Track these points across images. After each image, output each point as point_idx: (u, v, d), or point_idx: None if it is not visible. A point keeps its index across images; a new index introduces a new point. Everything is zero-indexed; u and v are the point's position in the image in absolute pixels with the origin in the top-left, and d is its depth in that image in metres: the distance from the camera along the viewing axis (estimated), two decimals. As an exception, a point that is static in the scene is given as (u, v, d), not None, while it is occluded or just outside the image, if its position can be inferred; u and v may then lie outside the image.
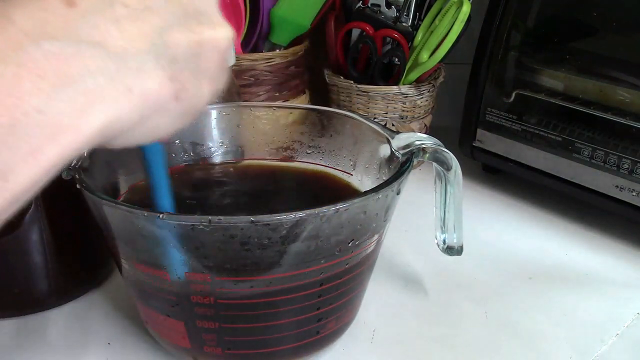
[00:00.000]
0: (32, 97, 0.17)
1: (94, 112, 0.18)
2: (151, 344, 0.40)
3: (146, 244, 0.32)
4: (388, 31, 0.60)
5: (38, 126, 0.17)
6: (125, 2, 0.20)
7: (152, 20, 0.20)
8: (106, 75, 0.19)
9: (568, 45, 0.58)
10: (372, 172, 0.41)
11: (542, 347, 0.41)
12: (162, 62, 0.21)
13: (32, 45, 0.17)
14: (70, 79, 0.18)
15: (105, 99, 0.19)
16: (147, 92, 0.20)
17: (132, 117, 0.20)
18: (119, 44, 0.19)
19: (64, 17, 0.18)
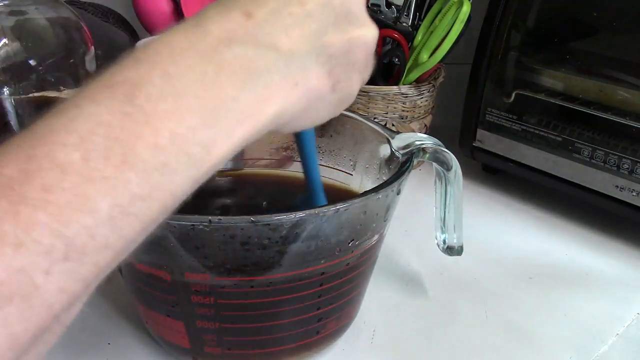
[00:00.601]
0: (228, 88, 0.21)
1: (270, 103, 0.22)
2: (151, 344, 0.40)
3: (146, 244, 0.32)
4: (388, 31, 0.60)
5: (232, 111, 0.21)
6: (292, 11, 0.24)
7: (312, 25, 0.24)
8: (279, 73, 0.23)
9: (568, 45, 0.58)
10: (372, 172, 0.41)
11: (542, 347, 0.41)
12: (321, 60, 0.25)
13: (225, 49, 0.21)
14: (254, 75, 0.22)
15: (279, 92, 0.23)
16: (310, 85, 0.24)
17: (299, 107, 0.24)
18: (287, 47, 0.23)
19: (245, 27, 0.22)
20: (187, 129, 0.19)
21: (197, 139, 0.20)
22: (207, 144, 0.20)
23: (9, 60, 0.39)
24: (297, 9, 0.24)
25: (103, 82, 0.19)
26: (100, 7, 0.66)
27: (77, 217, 0.17)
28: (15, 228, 0.16)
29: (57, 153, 0.17)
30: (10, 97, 0.40)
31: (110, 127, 0.18)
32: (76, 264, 0.17)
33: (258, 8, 0.23)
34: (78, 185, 0.17)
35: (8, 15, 0.39)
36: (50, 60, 0.41)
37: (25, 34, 0.40)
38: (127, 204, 0.18)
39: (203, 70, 0.21)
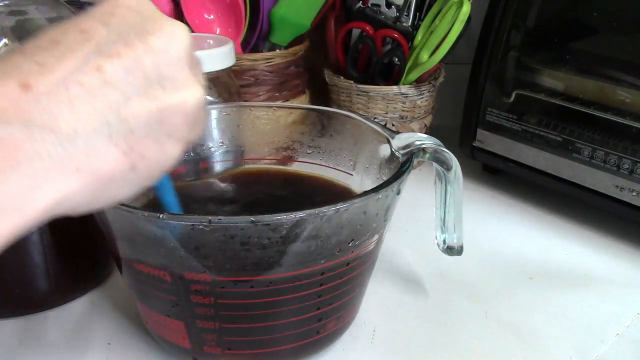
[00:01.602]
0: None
1: (39, 195, 0.19)
2: (151, 344, 0.40)
3: (146, 244, 0.32)
4: (388, 31, 0.60)
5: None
6: (82, 80, 0.20)
7: (109, 95, 0.21)
8: (54, 158, 0.19)
9: (568, 45, 0.58)
10: (372, 172, 0.41)
11: (542, 347, 0.41)
12: (115, 138, 0.21)
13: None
14: (18, 163, 0.18)
15: (52, 181, 0.19)
16: (97, 170, 0.21)
17: (83, 194, 0.21)
18: (69, 125, 0.20)
19: (18, 101, 0.19)
20: None
21: None
22: None
23: (9, 60, 0.39)
24: (92, 77, 0.20)
25: None
26: (100, 7, 0.66)
27: None
28: None
29: None
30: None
31: None
32: None
33: (40, 77, 0.19)
34: None
35: (8, 15, 0.39)
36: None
37: (25, 34, 0.40)
38: None
39: None
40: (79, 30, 0.21)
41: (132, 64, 0.21)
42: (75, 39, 0.21)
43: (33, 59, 0.20)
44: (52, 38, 0.21)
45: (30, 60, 0.20)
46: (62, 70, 0.20)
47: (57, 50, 0.20)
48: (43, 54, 0.20)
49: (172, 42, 0.23)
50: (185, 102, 0.23)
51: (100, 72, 0.21)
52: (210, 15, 0.64)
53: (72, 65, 0.20)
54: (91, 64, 0.20)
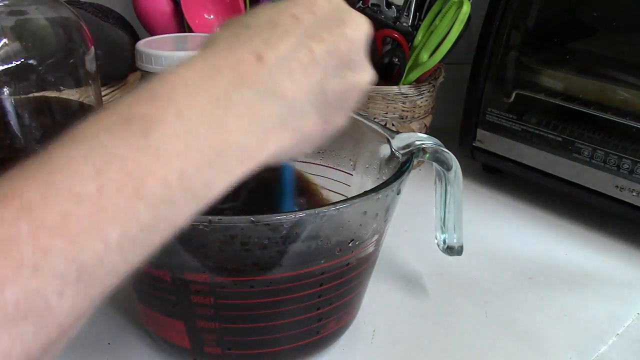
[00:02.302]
0: (234, 132, 0.22)
1: (268, 146, 0.23)
2: (151, 344, 0.40)
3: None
4: (388, 31, 0.60)
5: (234, 153, 0.22)
6: (300, 58, 0.24)
7: (317, 73, 0.25)
8: (280, 119, 0.24)
9: (568, 45, 0.58)
10: (372, 172, 0.41)
11: (542, 347, 0.41)
12: (318, 106, 0.25)
13: (234, 93, 0.22)
14: (257, 120, 0.23)
15: (277, 136, 0.24)
16: (306, 131, 0.25)
17: (292, 146, 0.25)
18: (291, 94, 0.24)
19: (255, 71, 0.23)
20: (194, 168, 0.21)
21: (201, 177, 0.21)
22: (210, 182, 0.21)
23: (9, 60, 0.39)
24: (306, 56, 0.25)
25: (120, 114, 0.20)
26: (100, 7, 0.66)
27: (90, 244, 0.18)
28: (34, 251, 0.17)
29: (74, 182, 0.18)
30: (10, 97, 0.40)
31: (124, 161, 0.19)
32: (86, 286, 0.18)
33: (269, 52, 0.24)
34: (92, 214, 0.18)
35: (8, 15, 0.39)
36: (50, 60, 0.41)
37: (25, 34, 0.40)
38: (135, 234, 0.19)
39: (213, 112, 0.22)
40: (291, 15, 0.25)
41: (332, 48, 0.25)
42: (289, 22, 0.25)
43: (259, 35, 0.24)
44: (269, 19, 0.25)
45: (259, 36, 0.24)
46: (284, 48, 0.24)
47: (277, 30, 0.25)
48: (267, 33, 0.24)
49: (360, 32, 0.27)
50: (362, 82, 0.27)
51: (311, 52, 0.25)
52: (210, 15, 0.64)
53: (291, 45, 0.24)
54: (304, 45, 0.25)
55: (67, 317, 0.18)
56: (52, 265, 0.17)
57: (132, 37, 0.64)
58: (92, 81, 0.44)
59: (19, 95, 0.40)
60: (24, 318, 0.17)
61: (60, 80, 0.42)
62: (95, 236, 0.18)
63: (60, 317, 0.18)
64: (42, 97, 0.42)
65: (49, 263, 0.17)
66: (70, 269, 0.17)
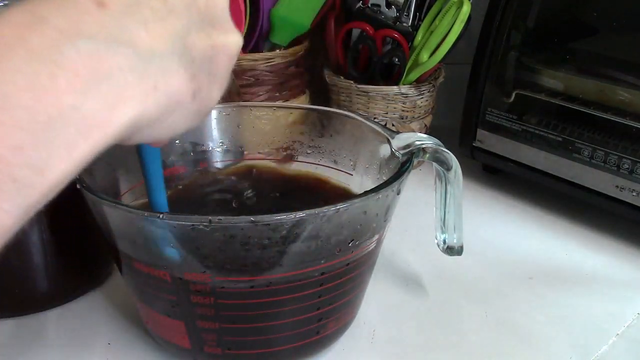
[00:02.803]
0: (68, 94, 0.17)
1: (123, 108, 0.19)
2: (151, 344, 0.40)
3: (146, 244, 0.32)
4: (388, 31, 0.60)
5: (73, 123, 0.18)
6: (152, 5, 0.21)
7: (175, 23, 0.22)
8: (135, 73, 0.20)
9: (568, 45, 0.58)
10: (372, 172, 0.41)
11: (542, 347, 0.41)
12: (183, 62, 0.22)
13: (67, 44, 0.18)
14: (102, 76, 0.18)
15: (134, 95, 0.20)
16: (171, 90, 0.21)
17: (155, 114, 0.21)
18: (146, 44, 0.20)
19: (97, 17, 0.19)
20: (11, 149, 0.16)
21: (24, 160, 0.17)
22: (39, 165, 0.17)
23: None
24: (159, 3, 0.21)
25: None
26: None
27: None
28: None
29: None
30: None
31: None
32: None
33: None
34: None
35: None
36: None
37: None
38: None
39: (35, 72, 0.17)
40: None
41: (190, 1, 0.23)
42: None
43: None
44: None
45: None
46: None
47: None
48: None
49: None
50: (230, 45, 0.25)
51: (165, 2, 0.21)
52: (210, 15, 0.63)
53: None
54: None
55: None
56: None
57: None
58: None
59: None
60: None
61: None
62: None
63: None
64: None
65: None
66: None
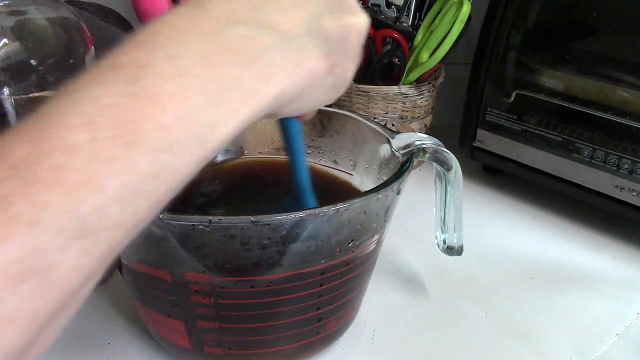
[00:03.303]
0: (231, 68, 0.21)
1: (272, 82, 0.22)
2: (151, 344, 0.40)
3: (146, 244, 0.32)
4: (388, 31, 0.60)
5: (236, 91, 0.21)
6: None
7: (309, 8, 0.25)
8: (280, 53, 0.23)
9: (568, 45, 0.58)
10: (372, 172, 0.41)
11: (542, 347, 0.41)
12: (318, 42, 0.25)
13: (226, 29, 0.22)
14: (255, 55, 0.22)
15: (280, 71, 0.23)
16: (310, 66, 0.24)
17: (299, 88, 0.24)
18: (287, 27, 0.23)
19: (245, 6, 0.23)
20: (192, 109, 0.20)
21: (201, 118, 0.20)
22: (212, 123, 0.20)
23: (9, 60, 0.39)
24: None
25: (106, 65, 0.20)
26: (100, 7, 0.66)
27: (88, 196, 0.17)
28: (28, 208, 0.16)
29: (65, 134, 0.17)
30: (10, 97, 0.40)
31: (116, 109, 0.18)
32: (90, 241, 0.17)
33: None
34: (87, 165, 0.17)
35: (8, 15, 0.39)
36: (50, 60, 0.41)
37: (26, 34, 0.40)
38: (136, 183, 0.18)
39: (205, 50, 0.21)
40: None
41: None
42: None
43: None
44: None
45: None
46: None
47: None
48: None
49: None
50: (359, 24, 0.27)
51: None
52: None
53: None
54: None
55: (72, 275, 0.17)
56: (49, 219, 0.16)
57: (132, 37, 0.64)
58: (92, 81, 0.44)
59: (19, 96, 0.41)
60: (27, 277, 0.16)
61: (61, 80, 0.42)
62: (92, 188, 0.17)
63: (65, 274, 0.17)
64: (43, 97, 0.42)
65: (46, 217, 0.16)
66: (70, 223, 0.17)
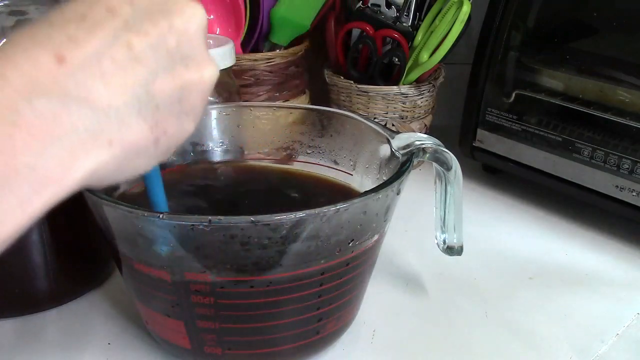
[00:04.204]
0: (24, 155, 0.18)
1: (77, 166, 0.20)
2: (151, 344, 0.40)
3: (146, 244, 0.32)
4: (388, 31, 0.60)
5: (27, 181, 0.18)
6: (113, 55, 0.21)
7: (138, 71, 0.21)
8: (90, 131, 0.20)
9: (568, 45, 0.58)
10: (372, 172, 0.41)
11: (542, 347, 0.41)
12: (144, 112, 0.22)
13: (24, 104, 0.18)
14: (57, 135, 0.19)
15: (88, 152, 0.20)
16: (127, 143, 0.21)
17: (112, 165, 0.21)
18: (103, 99, 0.20)
19: (54, 74, 0.19)
20: None
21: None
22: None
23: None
24: (122, 52, 0.21)
25: None
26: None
27: None
28: None
29: None
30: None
31: None
32: None
33: (74, 50, 0.20)
34: None
35: (8, 15, 0.39)
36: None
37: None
38: None
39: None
40: (105, 7, 0.21)
41: (157, 42, 0.22)
42: (102, 14, 0.21)
43: (64, 31, 0.20)
44: (78, 11, 0.21)
45: (61, 32, 0.20)
46: (93, 44, 0.20)
47: (85, 24, 0.21)
48: (72, 27, 0.20)
49: (193, 22, 0.23)
50: (203, 80, 0.24)
51: (129, 48, 0.21)
52: (210, 16, 0.64)
53: (103, 41, 0.21)
54: (121, 40, 0.21)
55: None
56: None
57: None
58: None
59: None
60: None
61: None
62: None
63: None
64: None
65: None
66: None
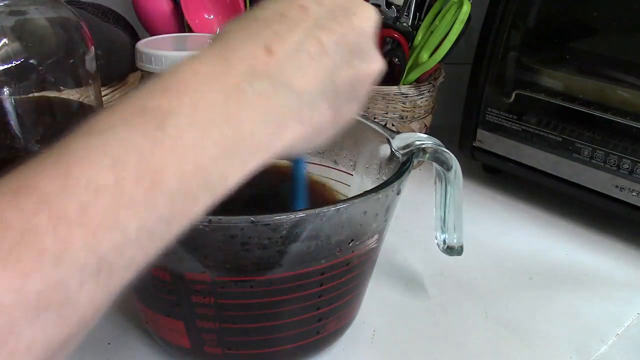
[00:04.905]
0: (247, 123, 0.22)
1: (282, 138, 0.24)
2: (151, 344, 0.40)
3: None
4: (388, 31, 0.60)
5: (248, 145, 0.22)
6: (309, 49, 0.25)
7: (326, 63, 0.25)
8: (291, 110, 0.24)
9: (568, 45, 0.58)
10: (372, 172, 0.41)
11: (542, 347, 0.41)
12: (328, 97, 0.26)
13: (247, 85, 0.23)
14: (269, 111, 0.23)
15: (288, 127, 0.24)
16: (315, 122, 0.25)
17: (305, 140, 0.25)
18: (301, 85, 0.24)
19: (266, 63, 0.24)
20: (210, 160, 0.21)
21: (217, 169, 0.21)
22: (225, 174, 0.22)
23: (9, 60, 0.39)
24: (315, 47, 0.25)
25: (135, 106, 0.21)
26: (100, 7, 0.66)
27: (109, 236, 0.18)
28: (54, 243, 0.17)
29: (92, 173, 0.18)
30: (10, 97, 0.40)
31: (142, 153, 0.19)
32: (105, 278, 0.18)
33: (279, 44, 0.24)
34: (111, 206, 0.18)
35: (8, 15, 0.39)
36: (50, 60, 0.41)
37: (26, 34, 0.40)
38: (153, 226, 0.19)
39: (226, 104, 0.22)
40: (299, 6, 0.25)
41: (341, 38, 0.26)
42: (297, 14, 0.25)
43: (269, 27, 0.25)
44: (278, 11, 0.25)
45: (267, 28, 0.25)
46: (293, 39, 0.24)
47: (285, 22, 0.25)
48: (276, 25, 0.25)
49: (368, 22, 0.27)
50: (372, 71, 0.28)
51: (320, 43, 0.25)
52: (210, 15, 0.64)
53: (300, 36, 0.25)
54: (313, 36, 0.25)
55: (87, 309, 0.18)
56: (73, 256, 0.17)
57: (132, 37, 0.64)
58: (92, 81, 0.44)
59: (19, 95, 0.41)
60: (46, 309, 0.17)
61: (61, 80, 0.42)
62: (115, 228, 0.18)
63: (81, 309, 0.18)
64: (42, 97, 0.42)
65: (70, 254, 0.17)
66: (91, 261, 0.18)
